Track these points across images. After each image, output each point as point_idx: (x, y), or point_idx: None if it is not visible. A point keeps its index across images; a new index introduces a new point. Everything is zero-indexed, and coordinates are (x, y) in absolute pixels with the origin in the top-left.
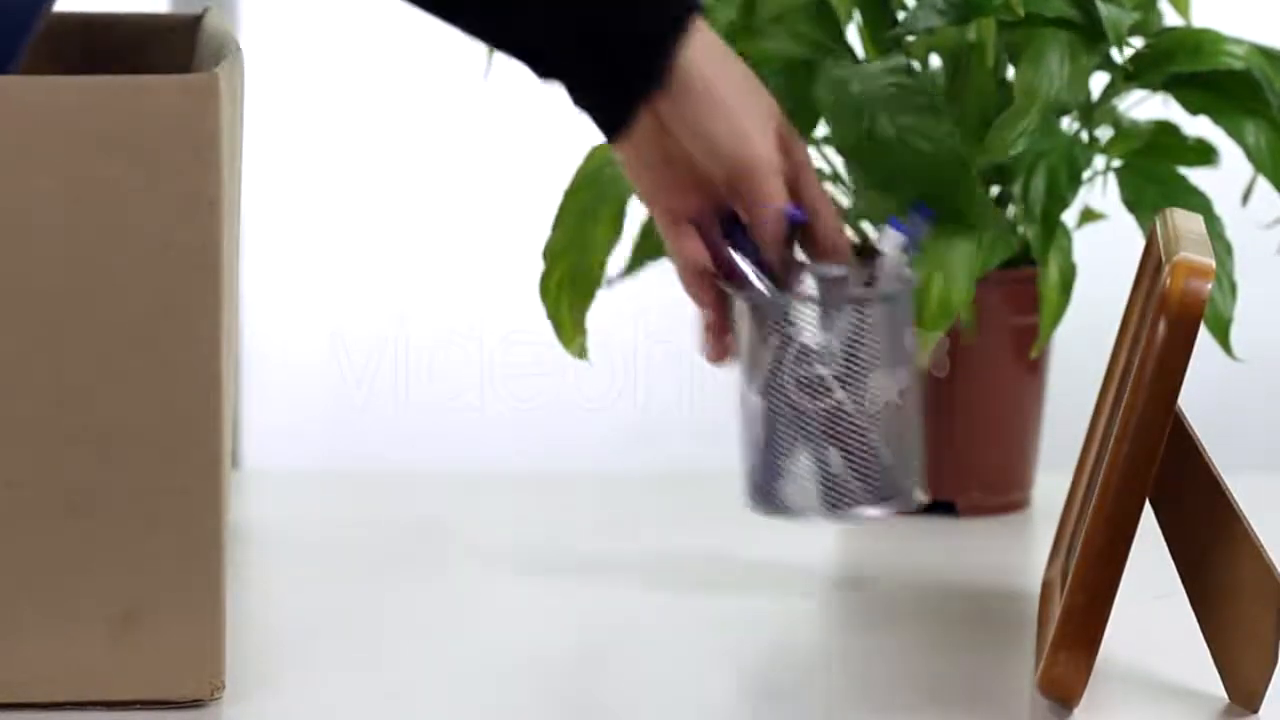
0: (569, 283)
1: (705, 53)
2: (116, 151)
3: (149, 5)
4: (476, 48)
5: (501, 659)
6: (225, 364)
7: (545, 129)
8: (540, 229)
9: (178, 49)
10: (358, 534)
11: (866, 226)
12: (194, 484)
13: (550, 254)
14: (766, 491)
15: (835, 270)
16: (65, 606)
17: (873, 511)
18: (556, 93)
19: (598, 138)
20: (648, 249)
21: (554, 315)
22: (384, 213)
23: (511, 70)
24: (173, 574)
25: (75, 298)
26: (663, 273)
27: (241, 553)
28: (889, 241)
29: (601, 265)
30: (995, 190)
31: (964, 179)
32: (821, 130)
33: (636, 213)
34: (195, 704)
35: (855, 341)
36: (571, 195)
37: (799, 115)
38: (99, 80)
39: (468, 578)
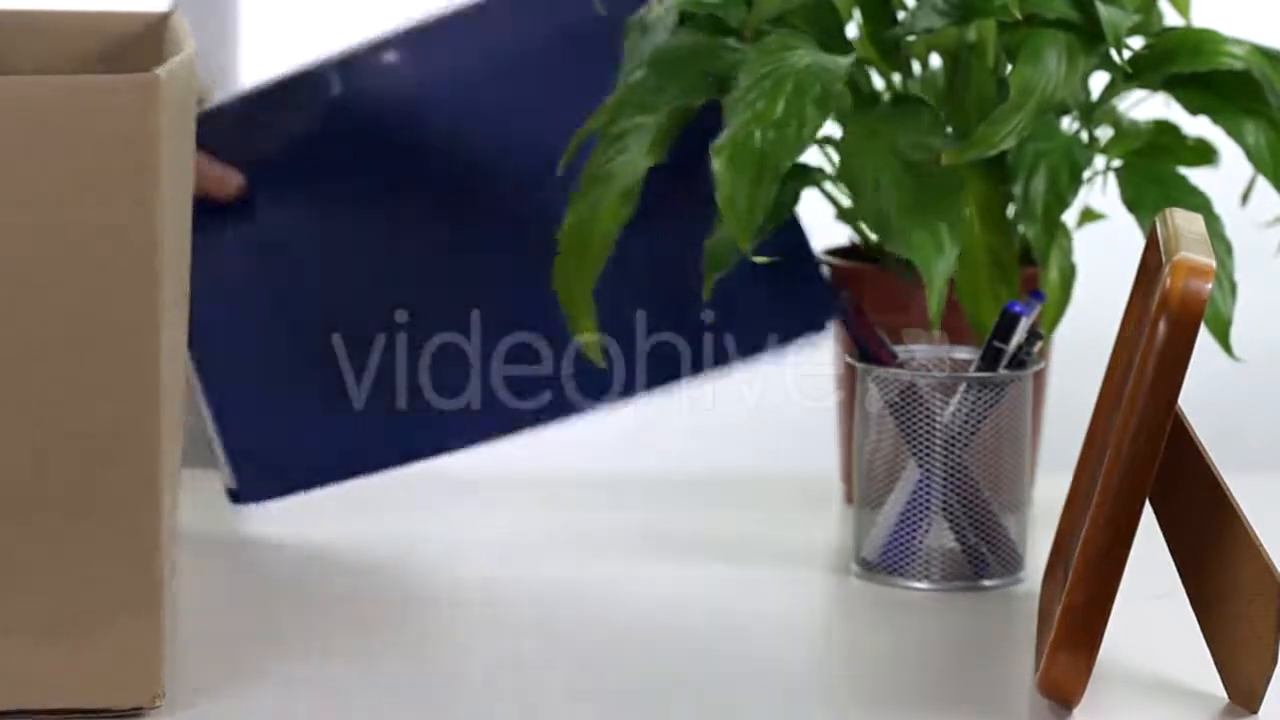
0: (580, 260)
1: None
2: (56, 152)
3: (147, 4)
4: None
5: (483, 663)
6: (167, 367)
7: None
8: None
9: (150, 48)
10: (356, 533)
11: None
12: (133, 489)
13: (564, 236)
14: (893, 555)
15: (963, 352)
16: (2, 613)
17: (995, 581)
18: None
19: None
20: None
21: (566, 300)
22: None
23: None
24: (112, 580)
25: (12, 298)
26: None
27: (241, 554)
28: (1008, 323)
29: (609, 240)
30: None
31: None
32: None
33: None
34: (135, 712)
35: (991, 421)
36: (583, 181)
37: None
38: (38, 80)
39: (466, 578)
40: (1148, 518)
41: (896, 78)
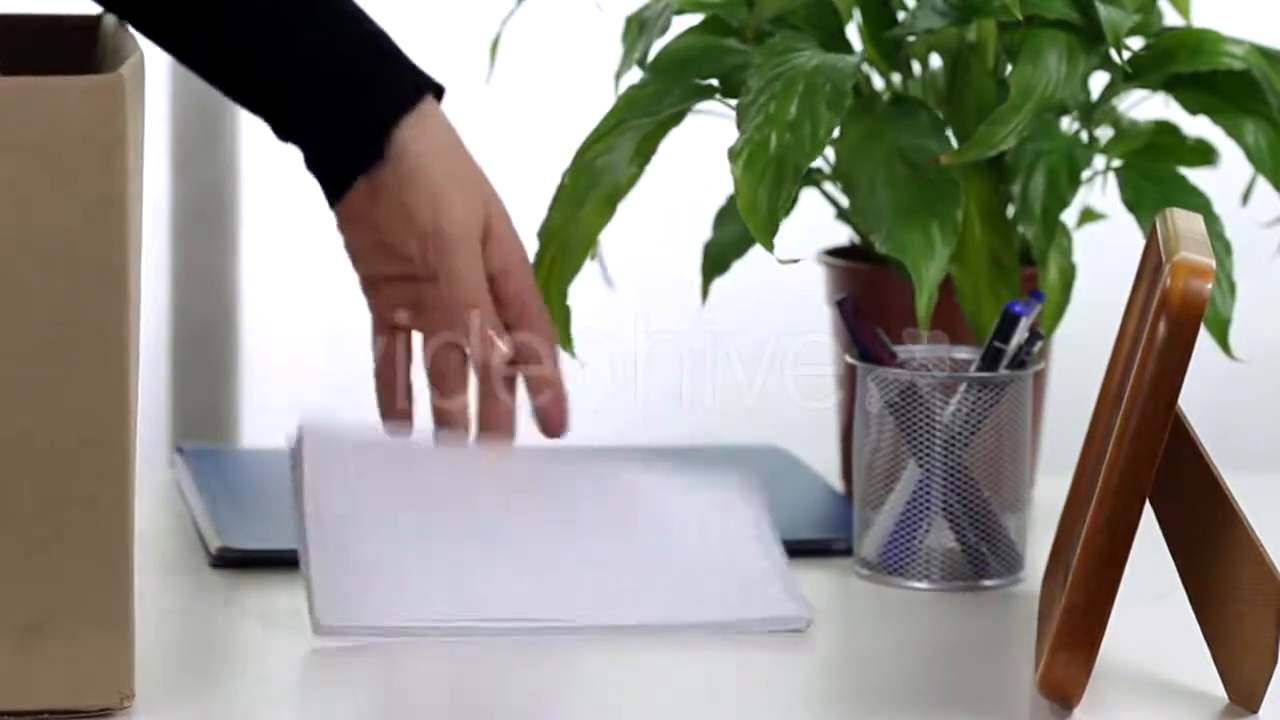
0: (559, 261)
1: (425, 133)
2: (21, 154)
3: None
4: (478, 52)
5: (461, 658)
6: (133, 370)
7: (543, 130)
8: (538, 229)
9: (77, 50)
10: None
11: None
12: (102, 492)
13: (544, 235)
14: (893, 555)
15: (963, 352)
16: None
17: (995, 581)
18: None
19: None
20: (714, 267)
21: (544, 298)
22: None
23: (509, 74)
24: (81, 583)
25: None
26: (663, 272)
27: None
28: (1008, 323)
29: (590, 244)
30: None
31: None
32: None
33: (633, 198)
34: (104, 713)
35: (991, 421)
36: (568, 181)
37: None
38: (1, 82)
39: None
40: (1148, 518)
41: (896, 78)
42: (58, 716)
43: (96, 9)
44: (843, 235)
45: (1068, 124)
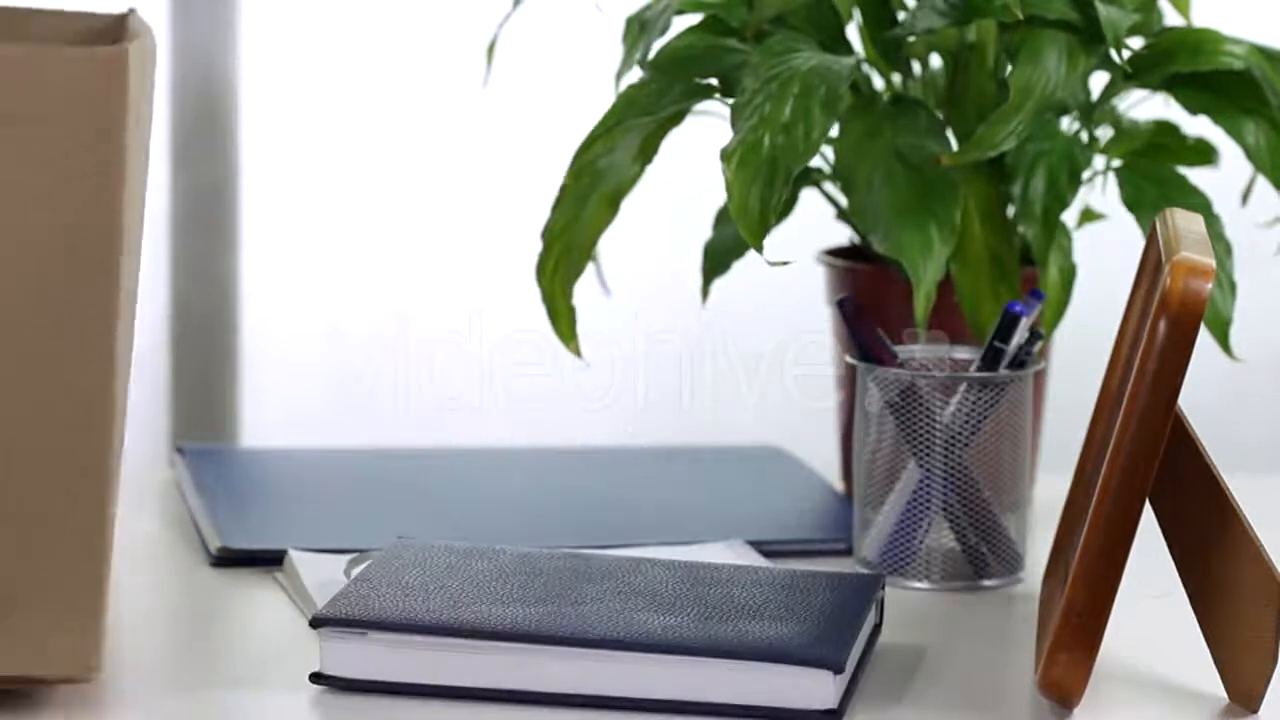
0: (564, 262)
1: None
2: (17, 124)
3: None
4: (479, 54)
5: None
6: (122, 354)
7: (543, 130)
8: (539, 229)
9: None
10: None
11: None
12: (83, 465)
13: (548, 235)
14: (893, 555)
15: (963, 352)
16: None
17: (995, 581)
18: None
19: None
20: (714, 267)
21: (549, 298)
22: (384, 212)
23: (511, 75)
24: (58, 553)
25: None
26: (663, 272)
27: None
28: (1008, 323)
29: (593, 245)
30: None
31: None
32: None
33: (633, 199)
34: (67, 681)
35: (991, 421)
36: (571, 181)
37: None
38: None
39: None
40: (1148, 518)
41: (896, 78)
42: (22, 684)
43: (124, 7)
44: (843, 235)
45: (1068, 124)
